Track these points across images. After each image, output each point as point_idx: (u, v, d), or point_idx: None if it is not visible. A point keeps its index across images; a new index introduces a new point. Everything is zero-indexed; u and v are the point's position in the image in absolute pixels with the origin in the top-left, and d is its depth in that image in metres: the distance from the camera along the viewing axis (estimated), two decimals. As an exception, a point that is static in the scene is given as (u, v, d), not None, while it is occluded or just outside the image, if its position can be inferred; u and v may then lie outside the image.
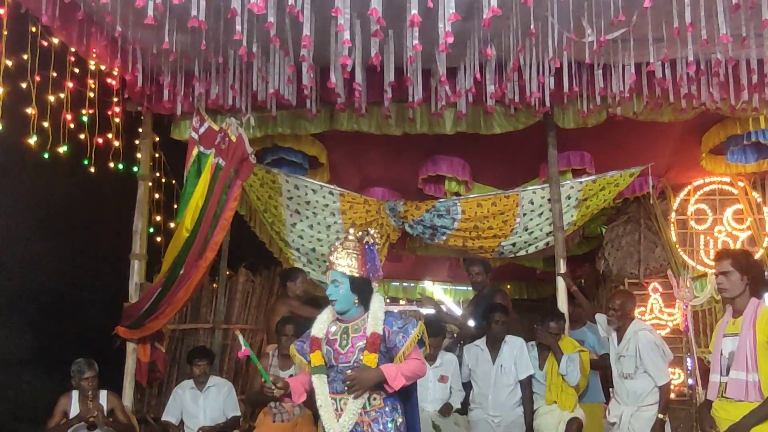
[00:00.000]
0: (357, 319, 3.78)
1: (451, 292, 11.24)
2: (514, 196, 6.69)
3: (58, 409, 5.52)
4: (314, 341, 3.81)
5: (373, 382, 3.61)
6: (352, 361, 3.67)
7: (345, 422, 3.62)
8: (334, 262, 3.78)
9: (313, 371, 3.76)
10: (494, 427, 5.58)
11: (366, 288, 3.80)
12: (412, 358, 3.70)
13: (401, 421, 3.73)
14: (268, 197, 6.83)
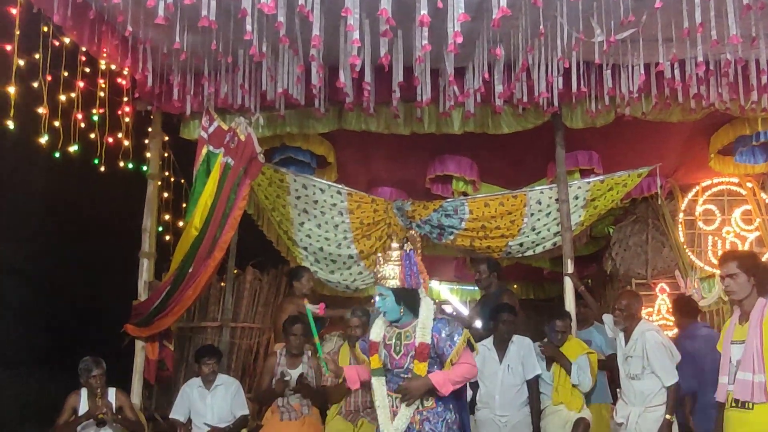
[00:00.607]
0: (409, 325, 4.01)
1: (458, 292, 11.24)
2: (522, 196, 6.70)
3: (67, 406, 5.55)
4: (372, 345, 4.10)
5: (422, 391, 3.87)
6: (405, 367, 3.94)
7: (398, 425, 3.89)
8: (378, 277, 4.09)
9: (373, 374, 4.05)
10: (501, 427, 5.58)
11: (410, 297, 4.02)
12: (461, 362, 3.91)
13: (453, 419, 3.97)
14: (276, 196, 6.86)
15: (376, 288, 4.11)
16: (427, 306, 4.02)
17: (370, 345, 4.11)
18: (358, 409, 5.75)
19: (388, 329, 4.08)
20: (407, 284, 4.00)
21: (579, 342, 5.75)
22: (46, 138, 5.23)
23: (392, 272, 4.05)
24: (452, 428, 3.95)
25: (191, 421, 6.01)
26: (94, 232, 9.57)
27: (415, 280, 4.03)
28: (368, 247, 6.91)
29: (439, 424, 3.91)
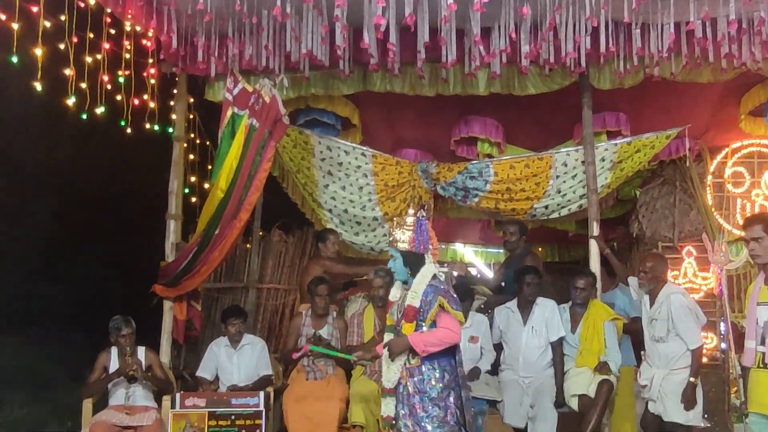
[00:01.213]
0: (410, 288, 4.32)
1: (482, 255, 11.21)
2: (548, 158, 6.64)
3: (98, 364, 5.68)
4: (389, 304, 4.54)
5: (401, 349, 4.24)
6: (400, 326, 4.28)
7: (388, 377, 4.32)
8: (391, 239, 4.44)
9: (386, 330, 4.45)
10: (524, 388, 5.62)
11: (416, 261, 4.33)
12: (441, 327, 4.20)
13: (438, 376, 4.21)
14: (300, 158, 6.86)
15: (389, 250, 4.42)
16: (425, 271, 4.30)
17: (388, 304, 4.54)
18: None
19: (403, 291, 4.40)
20: (416, 249, 4.33)
21: (604, 307, 5.73)
22: (73, 100, 5.25)
23: (404, 236, 4.38)
24: (434, 387, 4.21)
25: (218, 379, 6.13)
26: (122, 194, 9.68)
27: (423, 245, 4.35)
28: (392, 209, 6.91)
29: (424, 380, 4.21)
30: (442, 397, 4.21)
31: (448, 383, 4.24)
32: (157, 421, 5.44)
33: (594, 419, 5.18)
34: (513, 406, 5.54)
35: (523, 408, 5.53)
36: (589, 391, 5.34)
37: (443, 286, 4.32)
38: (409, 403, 4.23)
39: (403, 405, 4.26)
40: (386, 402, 4.35)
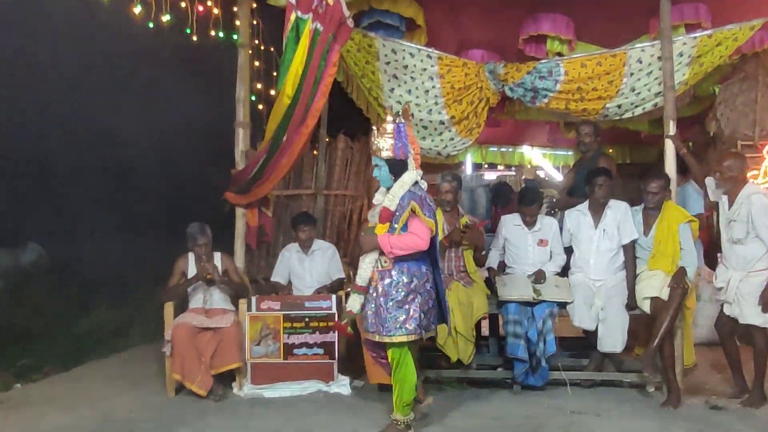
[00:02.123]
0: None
1: (551, 157, 11.02)
2: (621, 55, 6.36)
3: (177, 269, 5.90)
4: (372, 207, 4.60)
5: (370, 247, 4.42)
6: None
7: (360, 275, 4.49)
8: (374, 149, 4.45)
9: (366, 231, 4.53)
10: (595, 291, 5.60)
11: (400, 167, 4.42)
12: (410, 232, 4.34)
13: (406, 281, 4.38)
14: (365, 62, 6.76)
15: (373, 159, 4.46)
16: (406, 177, 4.40)
17: (372, 207, 4.62)
18: (451, 273, 5.88)
19: (383, 194, 4.52)
20: (396, 155, 4.37)
21: (679, 209, 5.59)
22: (139, 8, 5.25)
23: (386, 144, 4.40)
24: (401, 291, 4.36)
25: (291, 283, 6.31)
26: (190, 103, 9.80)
27: (403, 151, 4.37)
28: (459, 112, 6.79)
29: (393, 282, 4.38)
30: (407, 300, 4.37)
31: (415, 288, 4.40)
32: (235, 323, 5.66)
33: (666, 322, 5.14)
34: (583, 308, 5.53)
35: (593, 310, 5.52)
36: (661, 293, 5.28)
37: (420, 193, 4.42)
38: (376, 303, 4.42)
39: (371, 304, 4.47)
40: (354, 298, 4.54)
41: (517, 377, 5.54)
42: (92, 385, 5.96)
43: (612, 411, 5.06)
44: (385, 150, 4.39)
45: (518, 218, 6.01)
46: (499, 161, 10.99)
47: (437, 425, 4.75)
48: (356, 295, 4.53)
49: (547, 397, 5.41)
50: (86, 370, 6.57)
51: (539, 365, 5.50)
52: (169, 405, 5.38)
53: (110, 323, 7.92)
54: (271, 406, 5.28)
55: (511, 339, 5.50)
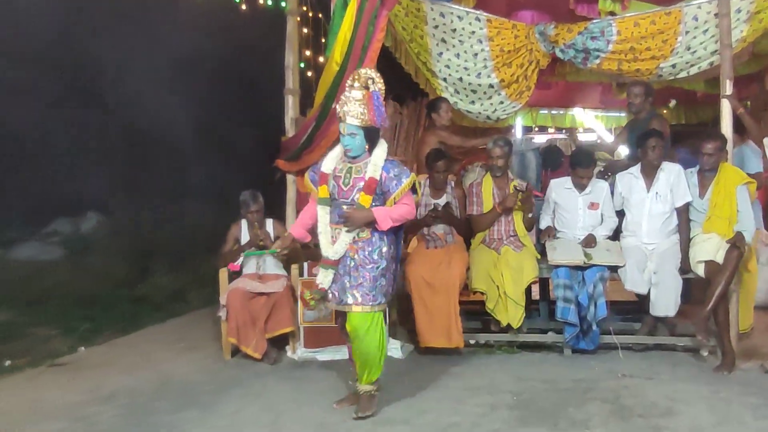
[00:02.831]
0: (361, 161, 4.26)
1: (602, 119, 10.80)
2: (676, 13, 6.17)
3: (230, 236, 6.02)
4: (323, 176, 4.35)
5: (364, 221, 4.18)
6: (351, 199, 4.22)
7: (337, 249, 4.24)
8: (347, 113, 4.14)
9: (319, 202, 4.35)
10: (648, 255, 5.54)
11: (375, 135, 4.24)
12: (402, 203, 4.22)
13: (386, 250, 4.28)
14: (413, 27, 6.71)
15: (345, 126, 4.16)
16: (382, 146, 4.26)
17: (320, 175, 4.36)
18: (501, 237, 5.87)
19: (339, 162, 4.32)
20: (377, 123, 4.17)
21: (736, 170, 5.45)
22: (188, -21, 5.30)
23: (361, 111, 4.13)
24: (384, 257, 4.26)
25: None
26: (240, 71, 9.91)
27: (382, 119, 4.19)
28: (509, 75, 6.71)
29: (374, 252, 4.24)
30: (389, 268, 4.32)
31: (393, 255, 4.38)
32: (288, 287, 5.77)
33: (721, 285, 5.06)
34: (635, 272, 5.47)
35: (646, 274, 5.46)
36: (716, 257, 5.19)
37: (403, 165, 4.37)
38: (357, 274, 4.23)
39: (350, 276, 4.24)
40: (325, 273, 4.30)
41: (568, 341, 5.54)
42: (151, 348, 6.17)
43: (664, 375, 5.04)
44: (362, 118, 4.13)
45: (568, 181, 5.95)
46: (550, 124, 10.84)
47: (487, 389, 4.79)
48: (327, 270, 4.29)
49: (598, 361, 5.40)
50: (145, 334, 6.80)
51: (590, 329, 5.49)
52: (225, 367, 5.54)
53: (167, 289, 8.15)
54: (325, 369, 5.40)
55: (562, 303, 5.48)
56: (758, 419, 4.14)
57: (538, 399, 4.58)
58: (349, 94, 4.18)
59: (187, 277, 8.55)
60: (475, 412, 4.35)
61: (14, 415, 4.47)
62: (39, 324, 6.80)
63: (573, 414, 4.29)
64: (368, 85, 4.22)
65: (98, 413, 4.49)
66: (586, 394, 4.65)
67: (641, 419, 4.18)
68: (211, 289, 6.71)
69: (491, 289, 5.61)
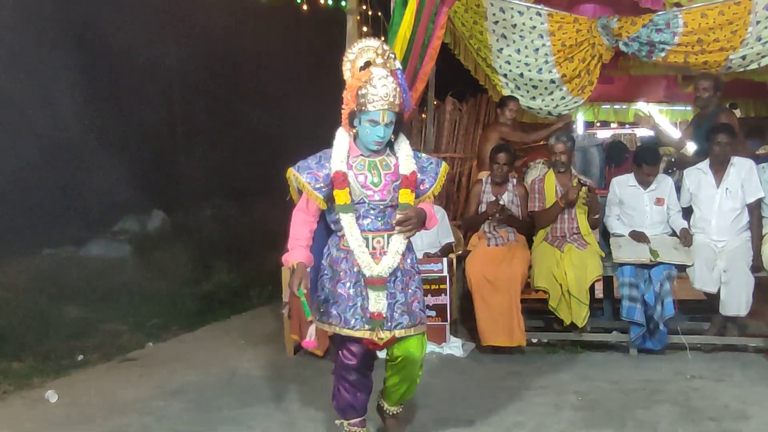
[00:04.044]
0: (383, 154, 3.47)
1: (668, 113, 10.56)
2: (746, 2, 6.01)
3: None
4: (339, 176, 3.37)
5: (422, 222, 3.47)
6: (389, 199, 3.43)
7: (390, 263, 3.40)
8: (390, 100, 3.31)
9: (342, 209, 3.39)
10: (717, 252, 5.39)
11: (401, 123, 3.47)
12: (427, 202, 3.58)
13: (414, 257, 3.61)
14: (473, 23, 6.68)
15: (385, 114, 3.30)
16: (403, 136, 3.54)
17: (337, 177, 3.37)
18: (564, 235, 5.79)
19: (352, 158, 3.44)
20: (406, 108, 3.46)
21: (811, 163, 5.28)
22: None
23: (394, 95, 3.32)
24: (417, 266, 3.61)
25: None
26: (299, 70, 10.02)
27: (408, 103, 3.50)
28: (571, 70, 6.62)
29: (414, 260, 3.61)
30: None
31: None
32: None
33: (796, 284, 4.90)
34: (705, 270, 5.33)
35: (715, 272, 5.31)
36: (791, 255, 5.03)
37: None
38: (410, 290, 3.50)
39: (405, 293, 3.48)
40: (378, 296, 3.40)
41: (634, 341, 5.43)
42: (216, 344, 6.29)
43: (735, 376, 4.89)
44: (395, 101, 3.32)
45: (632, 178, 5.83)
46: (612, 119, 10.66)
47: (551, 389, 4.74)
48: (379, 291, 3.40)
49: (666, 362, 5.28)
50: (211, 330, 6.93)
51: (657, 329, 5.37)
52: (288, 364, 5.60)
53: (231, 285, 8.29)
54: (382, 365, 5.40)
55: (627, 302, 5.38)
56: (837, 424, 3.99)
57: (604, 400, 4.50)
58: (385, 78, 3.31)
59: (249, 274, 8.68)
60: (539, 412, 4.29)
61: (86, 409, 4.61)
62: (109, 320, 6.98)
63: (640, 416, 4.20)
64: (388, 62, 3.37)
65: (166, 407, 4.60)
66: (653, 396, 4.55)
67: (712, 422, 4.07)
68: (273, 286, 6.79)
69: (554, 287, 5.53)
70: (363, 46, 3.38)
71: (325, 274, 3.53)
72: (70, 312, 7.03)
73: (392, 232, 3.43)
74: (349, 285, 3.45)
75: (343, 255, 3.46)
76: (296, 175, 3.46)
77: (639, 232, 5.63)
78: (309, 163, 3.47)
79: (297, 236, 3.48)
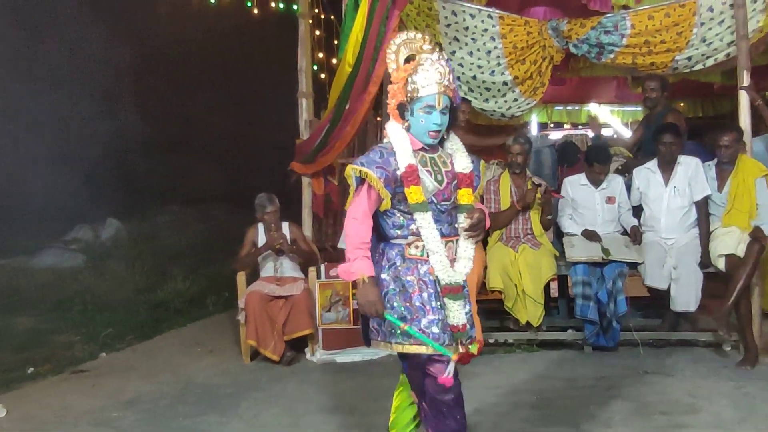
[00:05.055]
0: (438, 150, 3.16)
1: (618, 113, 10.74)
2: (691, 4, 6.12)
3: (247, 239, 6.04)
4: (411, 171, 2.99)
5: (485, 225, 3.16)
6: (452, 199, 3.11)
7: (463, 269, 3.10)
8: (446, 84, 3.00)
9: (416, 208, 3.00)
10: (667, 250, 5.49)
11: (456, 115, 3.18)
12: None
13: None
14: (425, 26, 6.70)
15: (441, 98, 2.99)
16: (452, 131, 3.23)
17: (410, 171, 2.98)
18: (518, 236, 5.84)
19: (415, 154, 3.07)
20: (456, 99, 3.11)
21: (755, 162, 5.39)
22: (199, -14, 5.33)
23: (448, 76, 3.02)
24: None
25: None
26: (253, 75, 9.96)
27: (458, 94, 3.13)
28: (523, 72, 6.68)
29: None
30: None
31: None
32: (305, 290, 5.78)
33: (743, 279, 5.01)
34: (655, 267, 5.43)
35: (665, 269, 5.41)
36: (737, 250, 5.14)
37: None
38: (472, 300, 3.29)
39: (469, 303, 3.19)
40: (458, 306, 3.06)
41: (588, 338, 5.51)
42: (172, 353, 6.21)
43: (686, 371, 4.99)
44: (453, 87, 3.03)
45: (583, 177, 5.91)
46: (566, 120, 10.79)
47: (508, 388, 4.77)
48: (458, 300, 3.07)
49: (619, 358, 5.37)
50: (166, 338, 6.83)
51: (610, 326, 5.45)
52: (245, 371, 5.56)
53: (186, 293, 8.19)
54: (344, 371, 5.40)
55: (581, 300, 5.46)
56: (783, 414, 4.09)
57: (560, 398, 4.56)
58: (438, 61, 3.01)
59: (205, 281, 8.60)
60: (496, 412, 4.33)
61: (38, 422, 4.51)
62: (61, 331, 6.86)
63: (595, 412, 4.26)
64: (434, 48, 3.07)
65: (120, 418, 4.52)
66: (607, 392, 4.61)
67: (664, 417, 4.14)
68: (229, 292, 6.73)
69: (509, 287, 5.58)
70: (404, 38, 3.08)
71: (392, 290, 3.05)
72: (20, 323, 6.89)
73: (458, 236, 3.11)
74: (426, 296, 3.02)
75: (412, 264, 3.05)
76: (364, 171, 2.98)
77: (591, 231, 5.71)
78: (373, 158, 3.03)
79: (358, 242, 3.00)
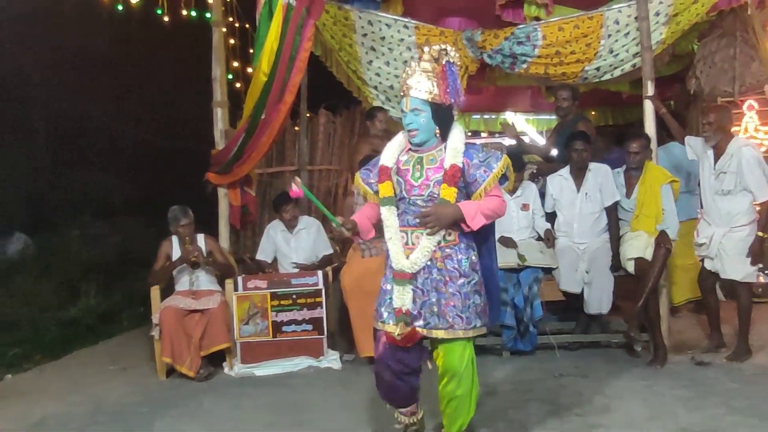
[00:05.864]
0: (433, 149, 3.43)
1: (534, 122, 11.02)
2: (598, 17, 6.33)
3: (161, 253, 5.87)
4: (384, 171, 3.48)
5: (450, 220, 3.33)
6: (426, 194, 3.39)
7: (416, 259, 3.36)
8: (413, 87, 3.34)
9: (383, 203, 3.46)
10: (580, 254, 5.63)
11: (448, 116, 3.40)
12: (492, 195, 3.39)
13: (476, 260, 3.49)
14: (342, 35, 6.70)
15: (408, 101, 3.34)
16: (459, 129, 3.46)
17: (381, 170, 3.49)
18: (436, 243, 5.88)
19: (403, 154, 3.50)
20: (450, 99, 3.34)
21: (661, 170, 5.60)
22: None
23: (430, 84, 3.32)
24: (477, 270, 3.48)
25: (277, 260, 6.30)
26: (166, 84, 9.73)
27: (457, 96, 3.36)
28: (439, 81, 6.75)
29: (464, 262, 3.43)
30: (481, 282, 3.51)
31: (477, 264, 3.53)
32: (222, 303, 5.66)
33: (651, 282, 5.18)
34: (569, 272, 5.56)
35: (578, 273, 5.55)
36: (645, 254, 5.31)
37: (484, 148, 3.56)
38: (446, 290, 3.41)
39: (439, 293, 3.42)
40: (402, 291, 3.40)
41: (506, 343, 5.58)
42: (83, 372, 5.97)
43: (600, 372, 5.12)
44: (431, 92, 3.31)
45: (498, 185, 6.00)
46: (482, 128, 10.98)
47: (427, 394, 4.77)
48: (404, 286, 3.38)
49: (536, 362, 5.46)
50: (76, 357, 6.57)
51: (527, 330, 5.54)
52: (160, 388, 5.39)
53: (98, 310, 7.90)
54: (263, 384, 5.31)
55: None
56: (690, 411, 4.23)
57: (478, 403, 4.56)
58: (416, 66, 3.38)
59: (119, 296, 8.32)
60: (415, 420, 4.31)
61: (-65, 451, 4.26)
62: (-38, 352, 6.50)
63: (512, 416, 4.32)
64: (440, 58, 3.35)
65: (26, 443, 4.31)
66: (524, 395, 4.68)
67: (578, 417, 4.23)
68: (143, 308, 6.53)
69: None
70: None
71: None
72: None
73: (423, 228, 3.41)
74: (385, 279, 3.53)
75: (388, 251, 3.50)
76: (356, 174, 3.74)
77: (507, 238, 5.80)
78: (370, 163, 3.72)
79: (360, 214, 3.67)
